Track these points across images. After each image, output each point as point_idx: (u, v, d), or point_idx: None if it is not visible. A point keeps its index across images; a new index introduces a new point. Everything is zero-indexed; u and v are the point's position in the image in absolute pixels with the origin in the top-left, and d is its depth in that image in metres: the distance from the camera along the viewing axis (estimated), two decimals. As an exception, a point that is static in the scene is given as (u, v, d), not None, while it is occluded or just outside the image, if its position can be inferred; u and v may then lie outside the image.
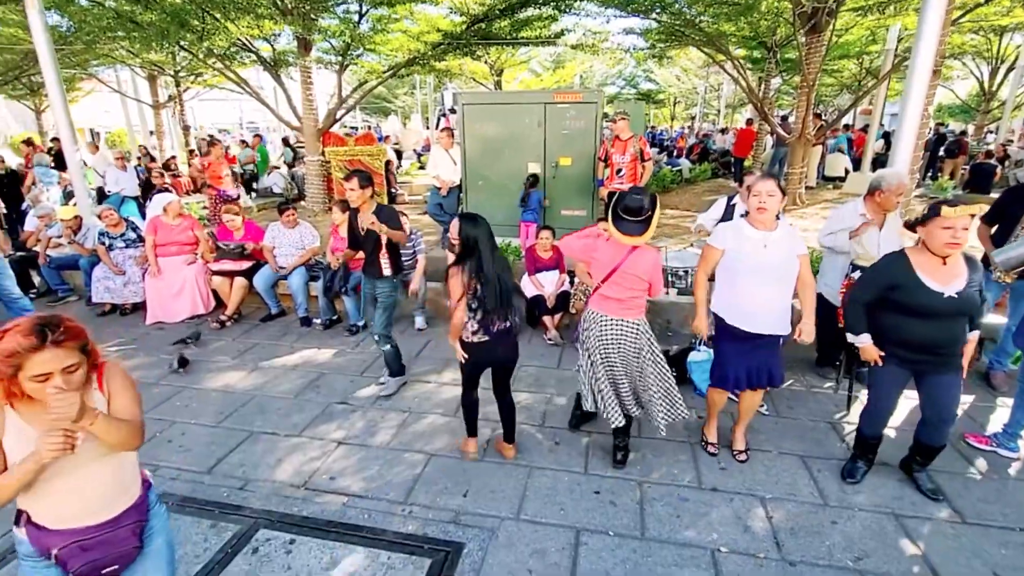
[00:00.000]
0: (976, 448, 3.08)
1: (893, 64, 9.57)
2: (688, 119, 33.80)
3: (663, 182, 10.98)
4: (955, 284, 2.34)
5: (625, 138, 5.49)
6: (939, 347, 2.42)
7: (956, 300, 2.32)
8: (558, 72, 20.03)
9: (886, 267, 2.52)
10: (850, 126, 15.90)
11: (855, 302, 2.60)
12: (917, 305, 2.37)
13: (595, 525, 2.56)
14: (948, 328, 2.38)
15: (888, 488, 2.77)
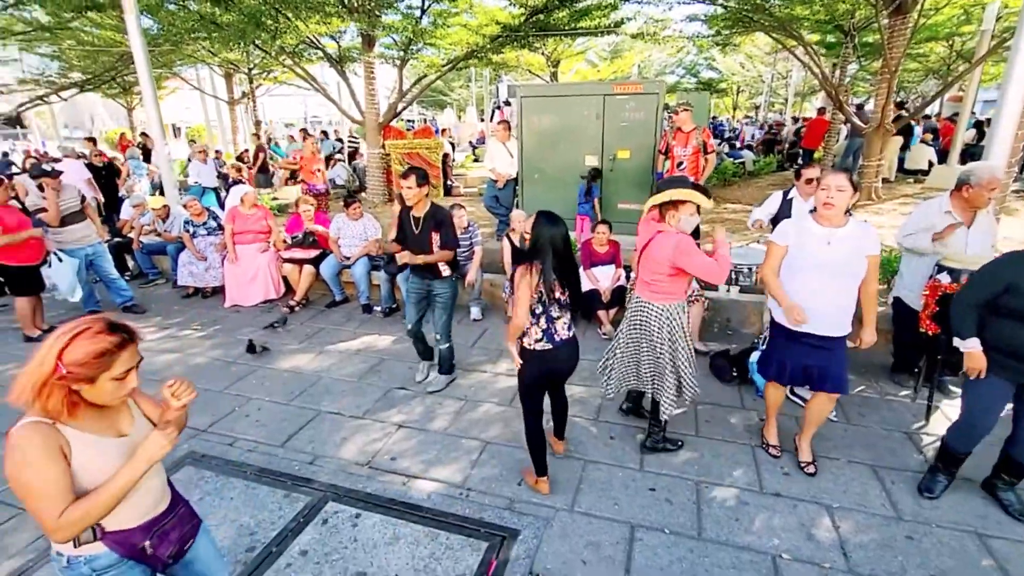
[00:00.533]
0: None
1: (990, 47, 8.71)
2: (751, 108, 32.23)
3: (724, 175, 10.58)
4: None
5: (687, 130, 5.34)
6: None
7: None
8: (615, 62, 19.62)
9: (1004, 268, 2.29)
10: (936, 115, 14.67)
11: (964, 304, 2.39)
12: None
13: (650, 522, 2.55)
14: None
15: (970, 505, 2.59)
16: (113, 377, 1.27)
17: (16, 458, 1.20)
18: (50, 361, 1.22)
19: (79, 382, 1.24)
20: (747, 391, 3.69)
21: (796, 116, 18.28)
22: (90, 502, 1.23)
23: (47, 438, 1.23)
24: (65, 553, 1.33)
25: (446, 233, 3.48)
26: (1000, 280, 2.26)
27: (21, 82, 12.48)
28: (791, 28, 8.96)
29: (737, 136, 15.73)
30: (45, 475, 1.20)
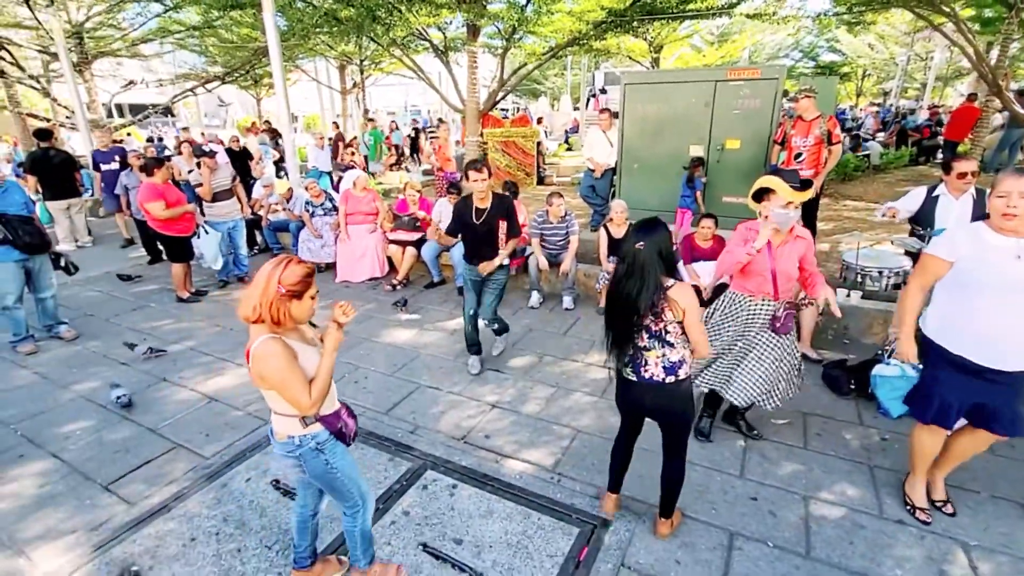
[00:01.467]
0: None
1: None
2: (879, 95, 28.82)
3: (844, 168, 9.59)
4: None
5: (809, 119, 4.89)
6: None
7: None
8: (723, 47, 18.39)
9: None
10: None
11: None
12: None
13: (751, 532, 2.43)
14: None
15: None
16: (311, 295, 1.73)
17: (273, 363, 1.66)
18: (274, 284, 1.65)
19: (293, 298, 1.67)
20: (866, 407, 3.37)
21: (934, 104, 16.03)
22: (318, 384, 1.73)
23: (285, 347, 1.69)
24: (296, 435, 1.82)
25: (514, 223, 3.53)
26: None
27: (180, 77, 14.25)
28: (940, 2, 7.86)
29: (860, 126, 14.13)
30: (295, 372, 1.68)
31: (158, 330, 4.81)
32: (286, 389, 1.68)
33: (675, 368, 2.08)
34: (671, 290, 1.99)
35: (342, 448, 1.94)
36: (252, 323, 1.69)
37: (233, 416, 3.46)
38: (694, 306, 2.00)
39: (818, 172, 4.94)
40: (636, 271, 1.99)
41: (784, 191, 2.54)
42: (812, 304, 3.99)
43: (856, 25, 11.48)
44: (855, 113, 21.40)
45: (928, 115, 13.14)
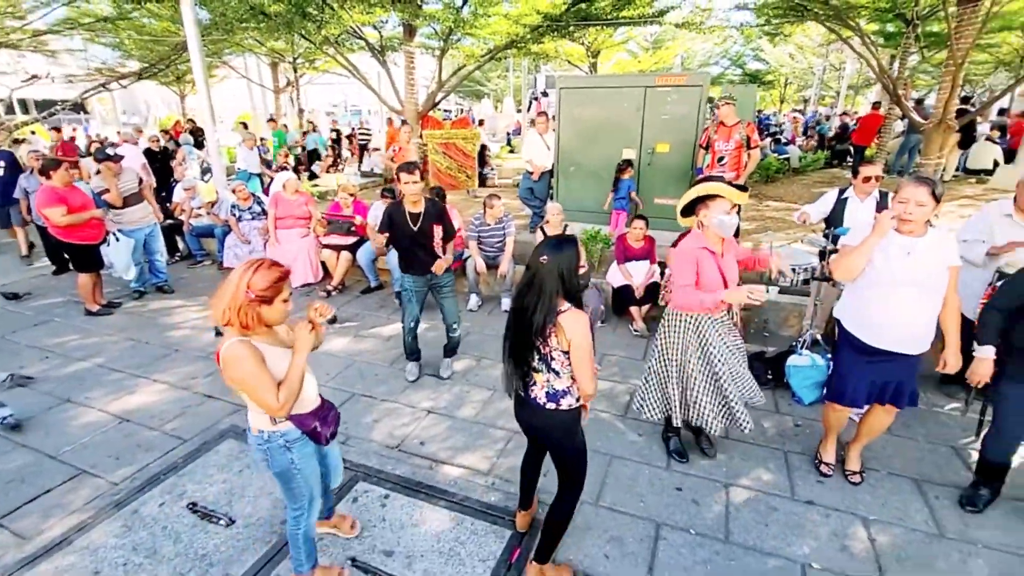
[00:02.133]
0: None
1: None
2: (800, 102, 30.90)
3: (767, 171, 10.21)
4: None
5: (730, 124, 5.16)
6: None
7: None
8: (657, 53, 19.13)
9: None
10: (1005, 110, 13.72)
11: (993, 309, 2.31)
12: None
13: (675, 521, 2.53)
14: None
15: (1021, 524, 2.45)
16: (282, 299, 1.75)
17: (240, 367, 1.68)
18: (243, 289, 1.67)
19: (262, 303, 1.69)
20: (782, 395, 3.59)
21: (843, 112, 17.39)
22: (287, 386, 1.75)
23: (253, 349, 1.71)
24: (265, 431, 1.86)
25: (447, 225, 3.51)
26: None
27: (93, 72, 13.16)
28: (848, 17, 8.52)
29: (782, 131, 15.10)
30: (262, 375, 1.70)
31: (63, 346, 4.42)
32: (254, 392, 1.72)
33: (557, 396, 1.93)
34: (562, 315, 1.81)
35: (312, 449, 1.97)
36: (224, 326, 1.73)
37: (147, 436, 3.23)
38: (582, 339, 1.81)
39: (739, 175, 5.21)
40: (535, 286, 1.84)
41: (731, 194, 2.41)
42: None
43: (775, 36, 12.22)
44: (779, 119, 22.83)
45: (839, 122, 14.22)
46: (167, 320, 4.98)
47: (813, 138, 13.83)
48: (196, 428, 3.28)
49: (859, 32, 8.37)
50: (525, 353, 1.91)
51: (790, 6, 8.52)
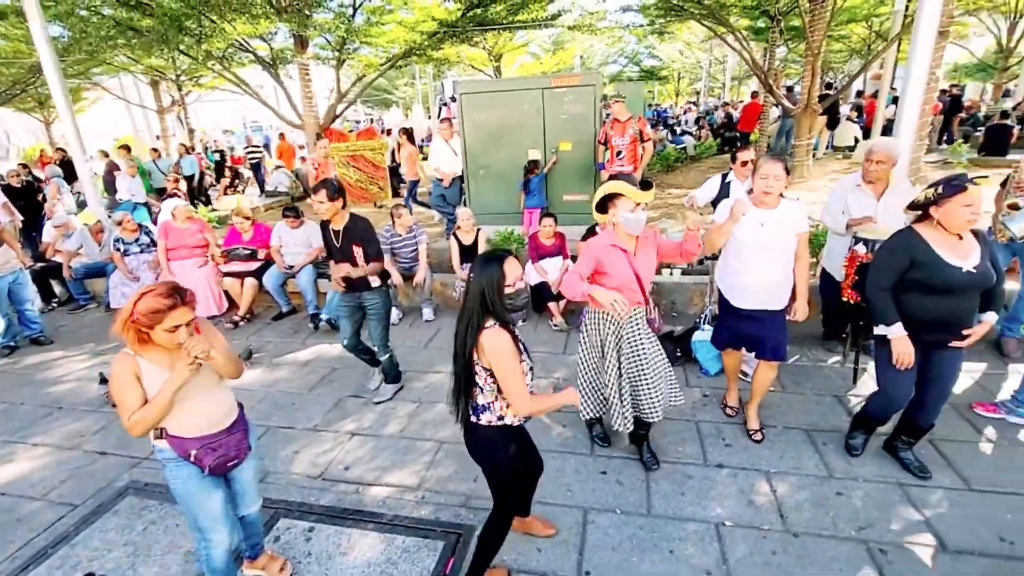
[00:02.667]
0: (984, 417, 3.08)
1: (903, 25, 9.29)
2: (693, 94, 33.21)
3: (667, 160, 10.87)
4: (972, 258, 2.25)
5: (623, 120, 5.46)
6: (956, 323, 2.33)
7: (975, 275, 2.23)
8: (558, 54, 19.77)
9: (902, 247, 2.34)
10: (861, 92, 15.53)
11: (879, 289, 2.41)
12: (940, 283, 2.25)
13: (602, 504, 2.63)
14: (966, 303, 2.30)
15: (893, 459, 2.79)
16: (164, 329, 1.72)
17: (114, 378, 1.78)
18: (128, 308, 1.71)
19: (143, 327, 1.72)
20: (691, 370, 3.84)
21: (727, 102, 18.94)
22: (144, 411, 1.77)
23: (128, 364, 1.77)
24: (152, 443, 1.89)
25: (370, 245, 3.37)
26: (902, 259, 2.32)
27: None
28: (720, 15, 9.28)
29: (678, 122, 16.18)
30: (126, 390, 1.76)
31: (-88, 421, 3.81)
32: (117, 406, 1.78)
33: (478, 411, 1.92)
34: (483, 332, 1.79)
35: (188, 473, 1.91)
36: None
37: (29, 509, 2.87)
38: (499, 357, 1.78)
39: (636, 167, 5.52)
40: (465, 302, 1.85)
41: (632, 193, 2.41)
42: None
43: (662, 34, 13.04)
44: (676, 111, 24.39)
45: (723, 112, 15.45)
46: (46, 375, 4.45)
47: (704, 127, 14.88)
48: (89, 490, 2.96)
49: (731, 28, 9.14)
50: (458, 368, 1.90)
51: (669, 6, 9.13)
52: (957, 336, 2.36)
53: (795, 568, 2.21)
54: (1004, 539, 2.28)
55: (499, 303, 1.81)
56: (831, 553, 2.27)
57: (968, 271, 2.24)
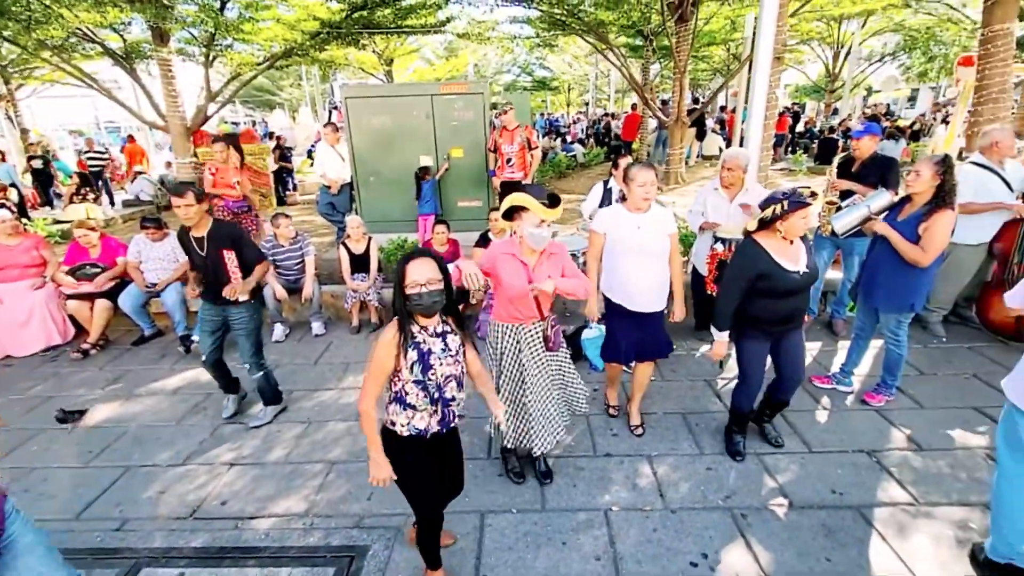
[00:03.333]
0: (820, 388, 3.58)
1: (752, 50, 10.59)
2: (583, 105, 35.07)
3: (559, 168, 11.36)
4: (802, 261, 2.60)
5: (512, 128, 5.61)
6: (793, 316, 2.69)
7: (808, 274, 2.58)
8: (451, 61, 19.84)
9: (749, 264, 2.58)
10: (725, 107, 17.41)
11: (729, 300, 2.65)
12: (783, 288, 2.55)
13: (499, 505, 2.66)
14: (802, 299, 2.67)
15: (753, 433, 3.14)
16: None
17: None
18: None
19: None
20: (581, 367, 4.02)
21: (610, 113, 20.31)
22: None
23: None
24: None
25: (246, 250, 3.14)
26: (750, 271, 2.58)
27: None
28: (600, 32, 9.91)
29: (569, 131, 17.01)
30: None
31: None
32: None
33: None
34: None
35: None
36: None
37: None
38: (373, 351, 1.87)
39: (527, 174, 5.70)
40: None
41: (537, 209, 2.34)
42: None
43: (548, 47, 13.64)
44: (568, 120, 25.60)
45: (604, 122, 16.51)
46: None
47: (592, 136, 15.78)
48: None
49: (610, 45, 9.80)
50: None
51: (553, 20, 9.57)
52: (796, 323, 2.73)
53: (673, 542, 2.40)
54: (835, 491, 2.66)
55: (399, 301, 1.84)
56: (703, 523, 2.50)
57: (802, 273, 2.58)
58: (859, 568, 2.23)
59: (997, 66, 5.42)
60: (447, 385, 1.89)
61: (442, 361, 1.87)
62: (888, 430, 3.12)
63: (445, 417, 1.94)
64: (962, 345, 4.10)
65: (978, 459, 2.84)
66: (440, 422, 1.93)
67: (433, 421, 1.92)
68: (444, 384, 1.88)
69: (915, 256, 2.87)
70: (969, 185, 3.84)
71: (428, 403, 1.88)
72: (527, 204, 2.36)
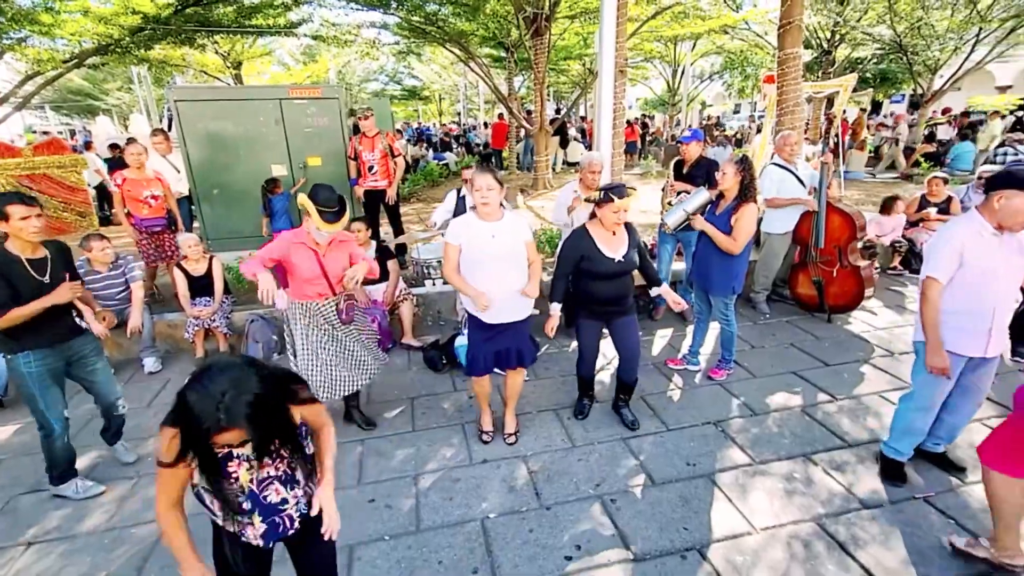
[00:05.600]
0: (673, 369, 3.92)
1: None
2: (455, 114, 35.36)
3: (431, 176, 11.26)
4: (621, 250, 2.90)
5: (372, 135, 5.39)
6: (617, 299, 2.98)
7: (623, 263, 2.89)
8: (310, 66, 18.76)
9: (575, 244, 2.90)
10: (585, 117, 18.68)
11: (558, 277, 2.97)
12: (600, 270, 2.87)
13: (370, 535, 2.48)
14: (621, 284, 2.97)
15: (617, 418, 3.31)
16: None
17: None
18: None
19: None
20: (457, 374, 3.97)
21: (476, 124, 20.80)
22: None
23: None
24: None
25: (75, 273, 2.69)
26: (576, 252, 2.89)
27: None
28: (462, 42, 10.02)
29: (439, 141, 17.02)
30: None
31: None
32: None
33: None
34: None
35: None
36: None
37: None
38: None
39: (391, 182, 5.51)
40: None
41: (313, 213, 2.73)
42: (407, 299, 4.47)
43: (409, 54, 13.50)
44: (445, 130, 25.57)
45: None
46: None
47: (463, 144, 15.94)
48: None
49: (472, 56, 9.95)
50: None
51: (412, 27, 9.47)
52: (622, 308, 3.00)
53: (549, 539, 2.42)
54: (690, 463, 2.90)
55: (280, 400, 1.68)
56: (576, 514, 2.56)
57: (618, 260, 2.88)
58: (709, 531, 2.43)
59: (791, 84, 6.42)
60: (266, 490, 1.44)
61: (252, 464, 1.40)
62: (729, 400, 3.50)
63: (275, 528, 1.48)
64: (782, 319, 4.77)
65: (797, 417, 3.30)
66: (264, 535, 1.47)
67: (252, 533, 1.47)
68: (262, 489, 1.43)
69: (727, 245, 3.29)
70: (772, 182, 4.51)
71: (233, 515, 1.43)
72: (307, 208, 2.73)
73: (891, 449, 2.72)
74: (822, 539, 2.37)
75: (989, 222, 2.28)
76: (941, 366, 2.34)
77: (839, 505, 2.56)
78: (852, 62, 15.37)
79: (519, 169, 13.29)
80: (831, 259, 4.50)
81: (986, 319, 2.34)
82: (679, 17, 12.70)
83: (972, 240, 2.29)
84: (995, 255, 2.28)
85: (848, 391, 3.55)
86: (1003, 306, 2.35)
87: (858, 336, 4.37)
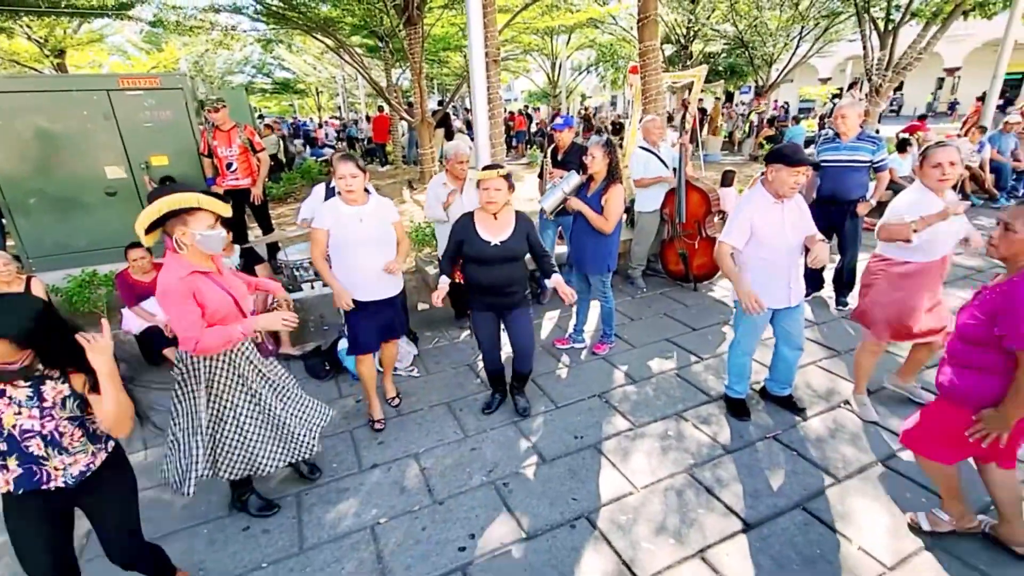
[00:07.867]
0: (561, 349, 4.05)
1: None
2: (335, 108, 33.49)
3: (311, 173, 10.57)
4: (502, 235, 2.84)
5: (227, 129, 4.88)
6: (500, 287, 2.89)
7: (501, 248, 2.82)
8: (155, 56, 16.63)
9: (459, 227, 2.92)
10: (469, 109, 18.64)
11: (444, 256, 3.02)
12: (475, 253, 2.84)
13: (246, 564, 2.26)
14: (502, 272, 2.87)
15: (509, 406, 3.33)
16: None
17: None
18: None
19: None
20: (343, 380, 3.76)
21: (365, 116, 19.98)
22: None
23: None
24: None
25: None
26: (456, 235, 2.90)
27: None
28: (328, 30, 9.44)
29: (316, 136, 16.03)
30: None
31: None
32: None
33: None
34: None
35: None
36: None
37: None
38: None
39: (255, 180, 5.05)
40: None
41: (213, 205, 2.03)
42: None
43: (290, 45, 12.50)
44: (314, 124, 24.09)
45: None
46: None
47: (344, 140, 15.17)
48: None
49: (342, 44, 9.43)
50: None
51: (269, 12, 8.74)
52: (510, 299, 2.95)
53: (442, 533, 2.38)
54: (577, 436, 3.01)
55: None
56: (469, 505, 2.54)
57: (496, 244, 2.83)
58: (597, 497, 2.54)
59: (651, 74, 6.89)
60: (27, 441, 1.57)
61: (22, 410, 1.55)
62: (612, 372, 3.69)
63: (30, 476, 1.60)
64: (656, 292, 5.14)
65: (670, 379, 3.56)
66: (16, 480, 1.59)
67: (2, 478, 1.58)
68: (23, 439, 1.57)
69: (600, 224, 3.46)
70: (639, 164, 4.82)
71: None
72: (199, 203, 2.00)
73: (731, 391, 3.14)
74: (692, 487, 2.58)
75: (769, 192, 2.67)
76: (749, 302, 2.62)
77: (706, 454, 2.81)
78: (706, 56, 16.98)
79: (404, 163, 12.93)
80: (692, 232, 4.93)
81: (783, 275, 2.75)
82: (550, 10, 13.10)
83: (760, 210, 2.68)
84: (779, 220, 2.68)
85: (712, 351, 3.91)
86: (794, 262, 2.77)
87: (719, 301, 4.84)
